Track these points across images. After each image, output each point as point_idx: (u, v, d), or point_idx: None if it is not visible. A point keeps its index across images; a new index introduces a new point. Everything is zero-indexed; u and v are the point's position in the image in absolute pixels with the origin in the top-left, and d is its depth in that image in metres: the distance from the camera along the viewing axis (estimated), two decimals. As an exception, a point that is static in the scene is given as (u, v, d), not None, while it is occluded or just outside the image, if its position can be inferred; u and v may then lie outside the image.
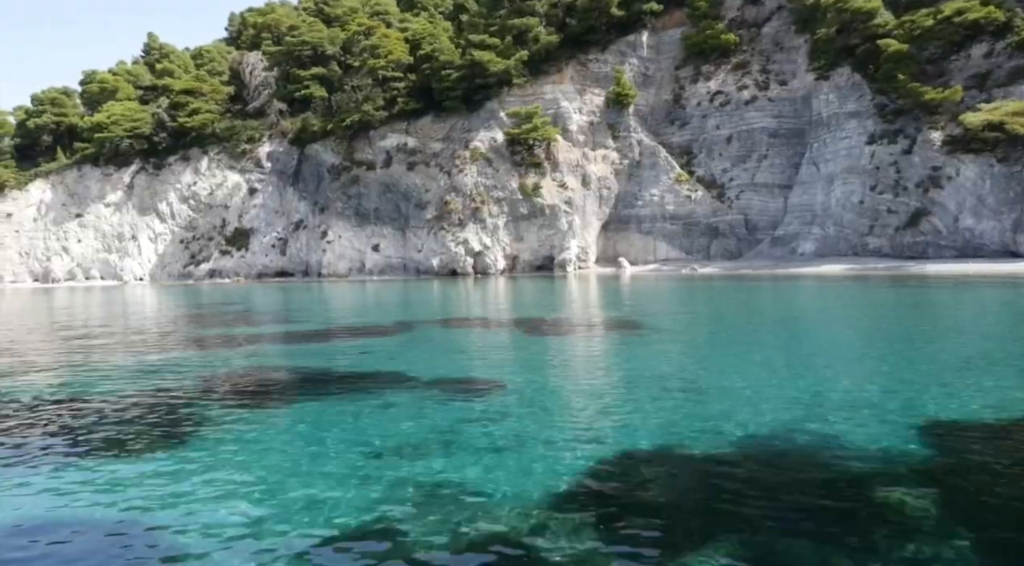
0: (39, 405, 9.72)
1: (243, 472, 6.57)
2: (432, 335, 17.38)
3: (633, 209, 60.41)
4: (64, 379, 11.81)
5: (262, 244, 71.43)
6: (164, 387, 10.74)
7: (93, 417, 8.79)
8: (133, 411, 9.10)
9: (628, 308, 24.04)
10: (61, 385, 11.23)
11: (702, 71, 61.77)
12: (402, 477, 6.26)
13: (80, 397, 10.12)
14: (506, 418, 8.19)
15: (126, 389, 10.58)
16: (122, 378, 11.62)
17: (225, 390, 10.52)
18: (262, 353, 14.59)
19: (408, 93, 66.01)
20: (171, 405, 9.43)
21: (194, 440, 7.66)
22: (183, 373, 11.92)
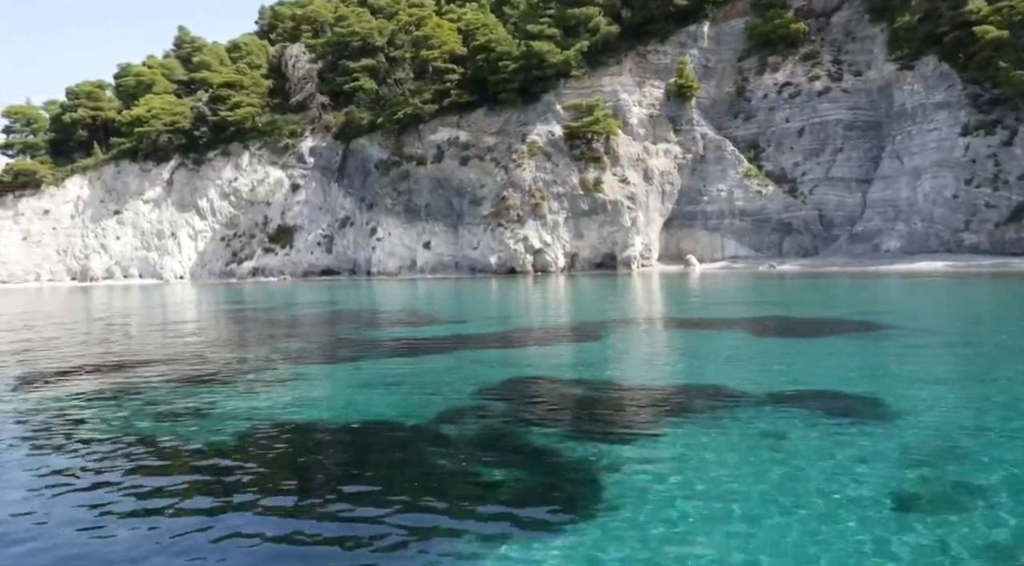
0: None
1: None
2: (658, 338, 15.36)
3: (698, 205, 58.40)
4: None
5: (307, 242, 69.52)
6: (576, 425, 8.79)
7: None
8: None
9: (808, 306, 22.03)
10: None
11: (768, 62, 59.72)
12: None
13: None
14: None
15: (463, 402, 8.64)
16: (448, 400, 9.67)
17: (577, 415, 8.55)
18: (493, 361, 12.62)
19: (460, 85, 63.96)
20: (597, 451, 7.49)
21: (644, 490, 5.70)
22: (519, 398, 9.96)
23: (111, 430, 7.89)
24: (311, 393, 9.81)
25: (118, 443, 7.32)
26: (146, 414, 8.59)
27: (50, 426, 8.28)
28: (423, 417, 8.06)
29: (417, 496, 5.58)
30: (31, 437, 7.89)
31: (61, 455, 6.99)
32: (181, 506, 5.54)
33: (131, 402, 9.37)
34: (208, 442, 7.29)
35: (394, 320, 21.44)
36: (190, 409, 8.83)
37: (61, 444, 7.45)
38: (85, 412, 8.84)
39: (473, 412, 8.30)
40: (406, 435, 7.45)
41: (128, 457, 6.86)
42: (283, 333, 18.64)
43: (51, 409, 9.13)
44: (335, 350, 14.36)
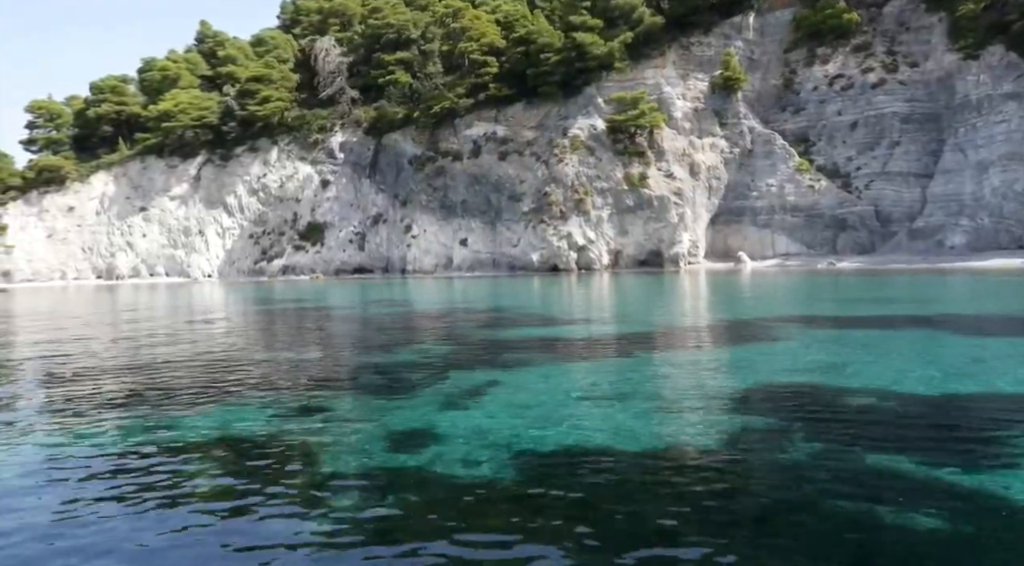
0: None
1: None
2: (842, 337, 13.72)
3: (746, 201, 56.81)
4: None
5: (338, 239, 67.97)
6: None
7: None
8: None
9: (941, 303, 20.38)
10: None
11: (817, 54, 58.10)
12: None
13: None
14: None
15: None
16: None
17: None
18: (701, 365, 10.98)
19: (497, 79, 62.35)
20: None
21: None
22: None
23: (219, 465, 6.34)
24: (516, 402, 8.25)
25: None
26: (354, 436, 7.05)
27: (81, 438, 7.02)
28: (713, 440, 6.46)
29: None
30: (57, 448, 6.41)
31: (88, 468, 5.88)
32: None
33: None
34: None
35: (507, 319, 19.83)
36: (411, 432, 7.25)
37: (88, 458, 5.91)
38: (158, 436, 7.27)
39: (768, 434, 6.68)
40: (702, 462, 5.85)
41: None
42: (416, 336, 17.05)
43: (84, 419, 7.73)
44: (497, 354, 12.77)
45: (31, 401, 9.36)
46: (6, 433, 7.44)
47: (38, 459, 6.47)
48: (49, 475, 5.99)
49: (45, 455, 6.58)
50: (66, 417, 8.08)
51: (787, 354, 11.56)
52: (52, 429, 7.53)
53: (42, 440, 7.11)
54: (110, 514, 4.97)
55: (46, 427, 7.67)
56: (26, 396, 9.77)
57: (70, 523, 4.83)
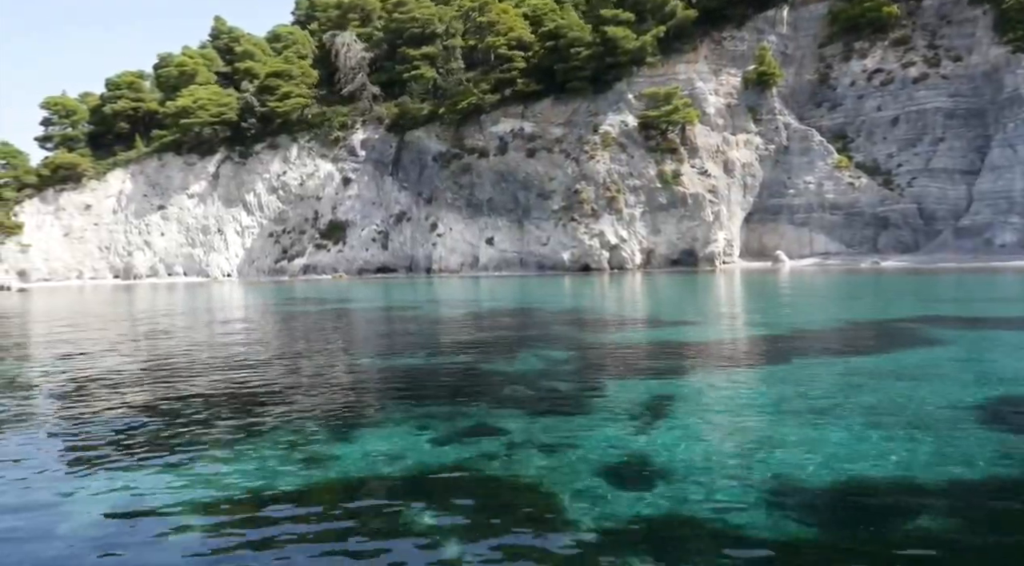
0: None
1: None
2: (995, 340, 12.41)
3: (783, 198, 55.50)
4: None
5: (361, 238, 66.64)
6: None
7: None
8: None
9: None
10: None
11: (855, 48, 56.79)
12: None
13: None
14: None
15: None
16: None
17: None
18: (884, 373, 9.68)
19: (524, 74, 61.00)
20: None
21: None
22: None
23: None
24: (711, 420, 6.96)
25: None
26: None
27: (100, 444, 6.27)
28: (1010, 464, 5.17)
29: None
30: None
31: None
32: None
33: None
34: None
35: (598, 321, 18.51)
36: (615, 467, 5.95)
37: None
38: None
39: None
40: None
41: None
42: (517, 339, 15.73)
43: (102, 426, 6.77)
44: (632, 362, 11.47)
45: (57, 417, 8.07)
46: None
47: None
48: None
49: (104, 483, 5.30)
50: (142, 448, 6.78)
51: (964, 358, 10.25)
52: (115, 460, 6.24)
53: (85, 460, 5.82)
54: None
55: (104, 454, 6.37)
56: (47, 410, 8.48)
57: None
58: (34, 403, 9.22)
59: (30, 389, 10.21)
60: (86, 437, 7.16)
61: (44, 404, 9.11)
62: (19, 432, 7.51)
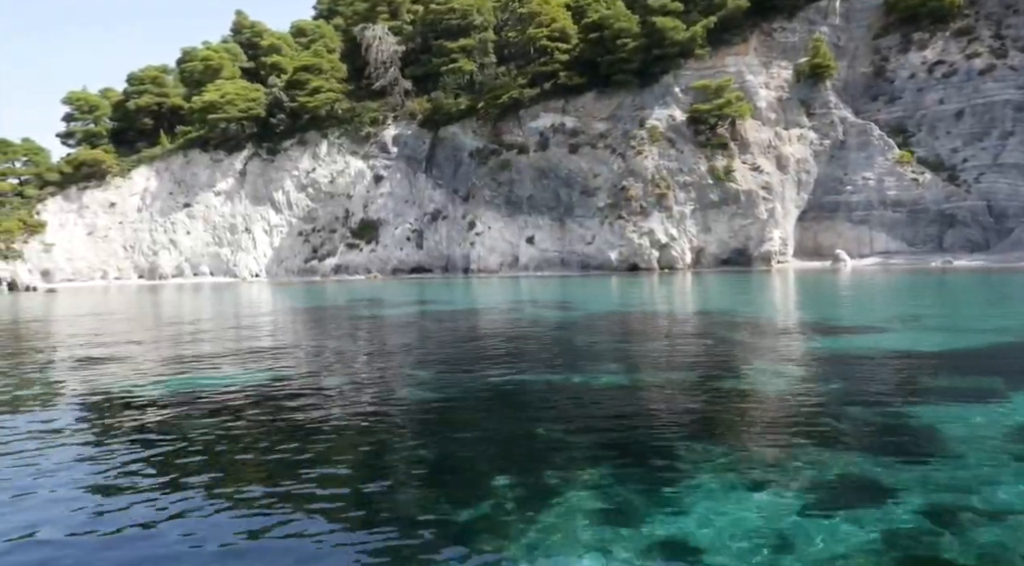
0: None
1: None
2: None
3: (840, 195, 53.30)
4: None
5: (394, 237, 64.53)
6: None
7: None
8: None
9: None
10: None
11: (913, 39, 54.57)
12: None
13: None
14: None
15: None
16: None
17: None
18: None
19: (566, 67, 58.88)
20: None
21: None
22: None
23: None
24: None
25: None
26: None
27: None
28: None
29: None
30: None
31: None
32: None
33: None
34: None
35: (753, 326, 16.40)
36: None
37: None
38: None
39: None
40: None
41: None
42: (680, 350, 13.60)
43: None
44: (869, 375, 9.38)
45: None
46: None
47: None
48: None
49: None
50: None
51: None
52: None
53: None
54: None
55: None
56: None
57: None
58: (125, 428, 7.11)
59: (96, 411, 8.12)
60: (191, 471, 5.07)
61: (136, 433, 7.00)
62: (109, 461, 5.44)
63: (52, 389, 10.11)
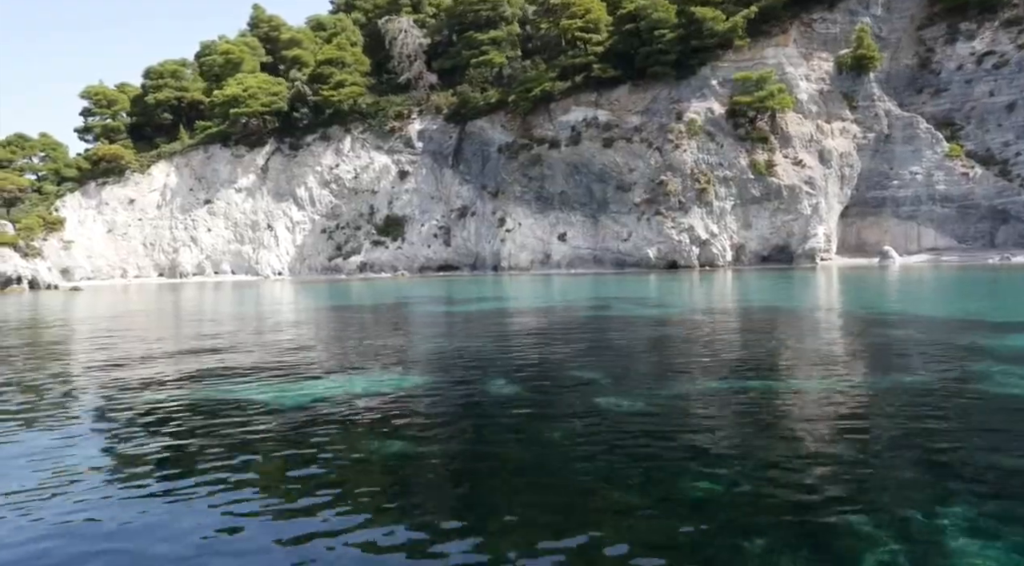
0: None
1: None
2: None
3: (886, 190, 51.77)
4: None
5: (421, 234, 63.01)
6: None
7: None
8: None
9: None
10: None
11: (960, 30, 53.04)
12: None
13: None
14: None
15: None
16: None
17: None
18: None
19: (600, 59, 57.31)
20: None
21: None
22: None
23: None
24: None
25: None
26: None
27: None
28: None
29: None
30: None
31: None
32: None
33: None
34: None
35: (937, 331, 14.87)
36: None
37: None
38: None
39: None
40: None
41: None
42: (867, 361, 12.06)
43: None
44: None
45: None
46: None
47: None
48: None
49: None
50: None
51: None
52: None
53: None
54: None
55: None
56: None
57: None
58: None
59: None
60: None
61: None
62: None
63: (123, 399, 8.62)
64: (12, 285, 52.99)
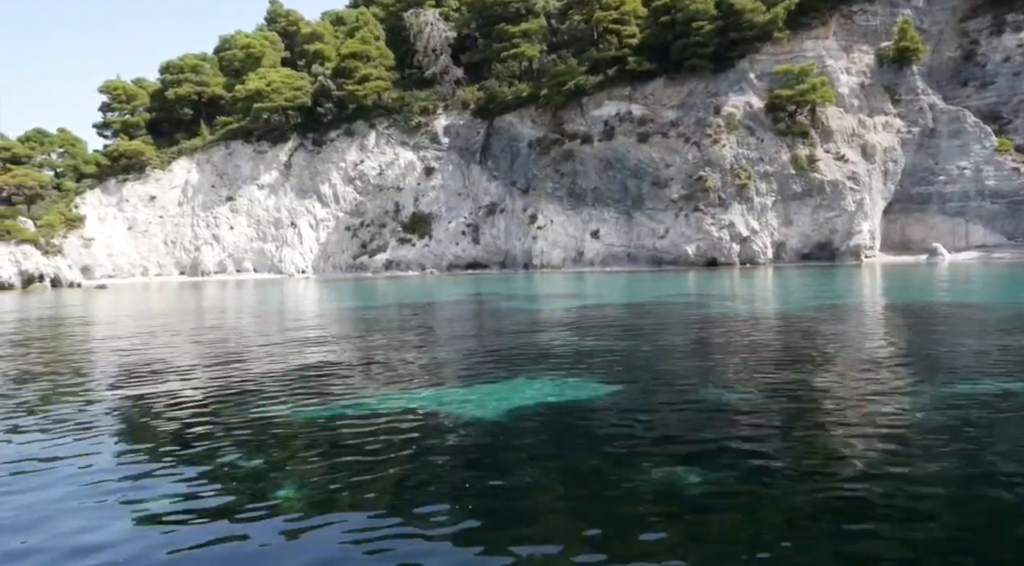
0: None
1: None
2: None
3: (931, 186, 50.50)
4: None
5: (448, 231, 61.70)
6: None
7: None
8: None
9: None
10: None
11: (1007, 21, 51.77)
12: None
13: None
14: None
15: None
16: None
17: None
18: None
19: (635, 52, 56.01)
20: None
21: None
22: None
23: None
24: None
25: None
26: None
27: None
28: None
29: None
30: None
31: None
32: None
33: None
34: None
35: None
36: None
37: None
38: None
39: None
40: None
41: None
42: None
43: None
44: None
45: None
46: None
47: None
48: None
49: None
50: None
51: None
52: None
53: None
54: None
55: None
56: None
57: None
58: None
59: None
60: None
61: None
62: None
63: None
64: (34, 283, 51.73)
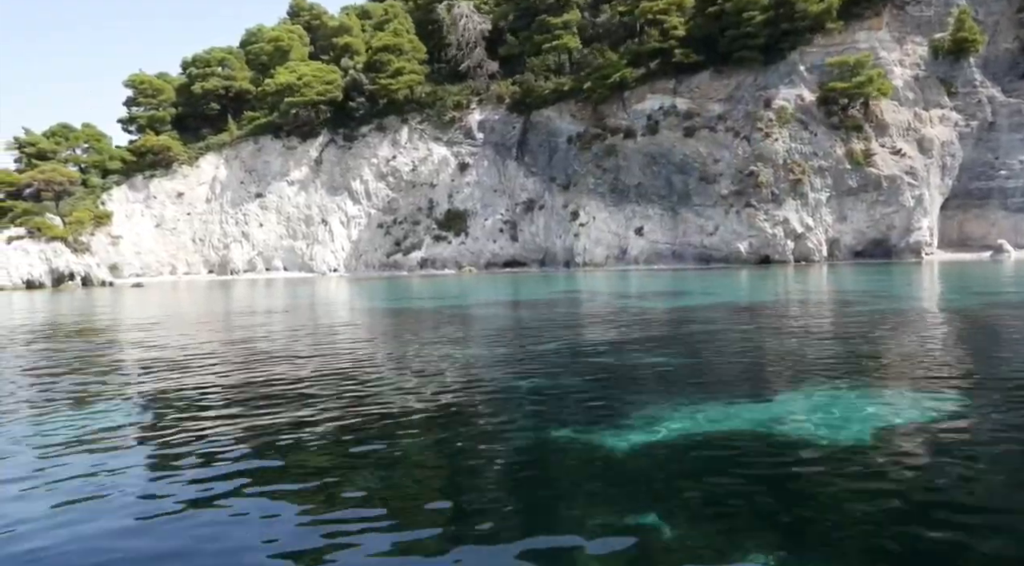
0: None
1: None
2: None
3: (992, 181, 49.00)
4: None
5: (485, 228, 60.14)
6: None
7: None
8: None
9: None
10: None
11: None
12: None
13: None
14: None
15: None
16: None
17: None
18: None
19: (682, 44, 54.48)
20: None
21: None
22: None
23: None
24: None
25: None
26: None
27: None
28: None
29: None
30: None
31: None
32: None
33: None
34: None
35: None
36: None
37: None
38: None
39: None
40: None
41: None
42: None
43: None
44: None
45: None
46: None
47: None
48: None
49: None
50: None
51: None
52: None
53: None
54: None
55: None
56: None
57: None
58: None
59: None
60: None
61: None
62: None
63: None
64: (66, 282, 50.17)
